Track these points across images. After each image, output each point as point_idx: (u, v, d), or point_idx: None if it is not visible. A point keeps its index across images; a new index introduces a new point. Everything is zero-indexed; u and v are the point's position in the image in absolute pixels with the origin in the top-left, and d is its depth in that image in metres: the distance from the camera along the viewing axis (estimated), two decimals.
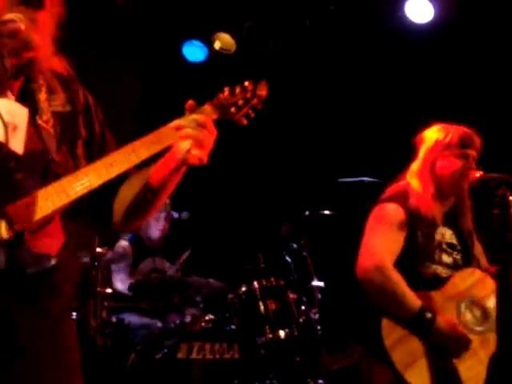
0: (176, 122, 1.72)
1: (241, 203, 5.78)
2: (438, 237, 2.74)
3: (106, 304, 3.95)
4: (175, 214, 4.97)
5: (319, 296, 4.36)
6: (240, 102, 1.79)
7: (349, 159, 5.42)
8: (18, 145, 1.68)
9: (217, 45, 5.67)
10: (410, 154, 2.98)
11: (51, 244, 1.63)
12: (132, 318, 4.28)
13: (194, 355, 3.82)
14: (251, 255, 4.81)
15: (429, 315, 2.53)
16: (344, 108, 5.78)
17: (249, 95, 1.80)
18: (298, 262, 4.55)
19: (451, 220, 2.82)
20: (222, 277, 4.66)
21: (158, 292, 4.45)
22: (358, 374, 4.65)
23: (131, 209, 1.80)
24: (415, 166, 2.83)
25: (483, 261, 2.88)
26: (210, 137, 1.70)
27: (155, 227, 4.96)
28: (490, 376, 2.50)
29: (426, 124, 2.96)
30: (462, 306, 2.66)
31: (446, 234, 2.78)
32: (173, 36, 5.76)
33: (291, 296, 4.33)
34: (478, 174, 2.68)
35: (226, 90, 1.80)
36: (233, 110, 1.78)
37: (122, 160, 1.65)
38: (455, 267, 2.75)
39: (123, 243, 4.91)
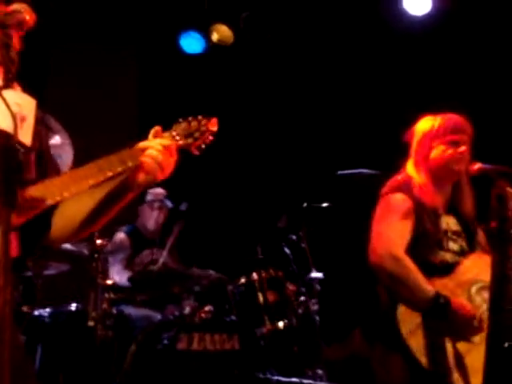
0: (144, 144, 1.83)
1: (239, 195, 5.79)
2: (443, 225, 2.78)
3: (106, 295, 3.96)
4: (169, 204, 4.96)
5: (318, 287, 4.37)
6: (196, 134, 1.90)
7: (347, 152, 5.42)
8: (25, 136, 1.68)
9: (214, 37, 5.66)
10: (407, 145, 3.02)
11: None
12: (131, 310, 4.29)
13: (194, 346, 3.85)
14: (249, 247, 4.82)
15: (442, 300, 2.55)
16: (342, 100, 5.78)
17: (203, 129, 1.91)
18: (297, 253, 4.56)
19: (453, 208, 2.85)
20: (220, 268, 4.67)
21: (157, 283, 4.46)
22: (357, 364, 4.70)
23: (84, 220, 1.87)
24: (411, 161, 2.87)
25: (486, 246, 2.89)
26: (171, 160, 1.84)
27: (151, 218, 4.97)
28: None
29: (422, 114, 2.95)
30: (473, 290, 2.69)
31: (450, 222, 2.82)
32: (170, 27, 5.75)
33: (290, 287, 4.35)
34: (476, 166, 2.69)
35: (184, 122, 1.92)
36: (190, 140, 1.90)
37: (94, 174, 1.76)
38: (462, 254, 2.78)
39: (120, 235, 4.91)
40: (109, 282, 4.01)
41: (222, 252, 5.39)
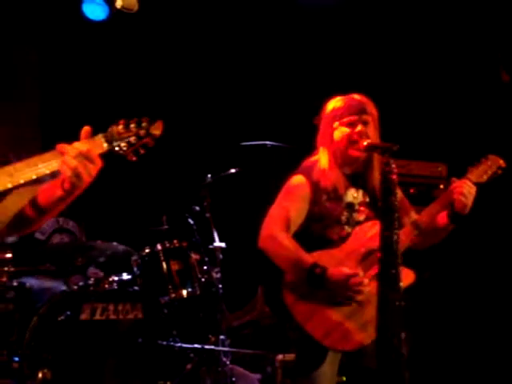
0: (60, 147, 1.71)
1: (144, 166, 5.75)
2: (348, 199, 2.92)
3: (5, 269, 3.92)
4: None
5: (221, 256, 4.46)
6: (132, 139, 1.77)
7: (252, 124, 5.50)
8: None
9: (118, 3, 5.55)
10: (311, 120, 3.11)
11: None
12: (34, 282, 4.25)
13: (97, 316, 3.89)
14: (155, 218, 4.85)
15: (318, 270, 2.69)
16: (250, 72, 5.82)
17: (142, 133, 1.77)
18: (201, 224, 4.64)
19: (361, 181, 2.97)
20: (126, 240, 4.68)
21: (61, 254, 4.44)
22: (258, 329, 4.89)
23: (13, 221, 1.78)
24: (318, 141, 3.00)
25: (410, 214, 3.02)
26: (90, 167, 1.69)
27: None
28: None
29: (332, 94, 3.03)
30: (362, 257, 2.82)
31: (359, 195, 2.95)
32: None
33: (194, 257, 4.44)
34: (365, 143, 2.80)
35: (121, 124, 1.78)
36: (123, 145, 1.77)
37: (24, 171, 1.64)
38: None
39: None
40: (8, 255, 3.96)
41: (127, 223, 5.39)
